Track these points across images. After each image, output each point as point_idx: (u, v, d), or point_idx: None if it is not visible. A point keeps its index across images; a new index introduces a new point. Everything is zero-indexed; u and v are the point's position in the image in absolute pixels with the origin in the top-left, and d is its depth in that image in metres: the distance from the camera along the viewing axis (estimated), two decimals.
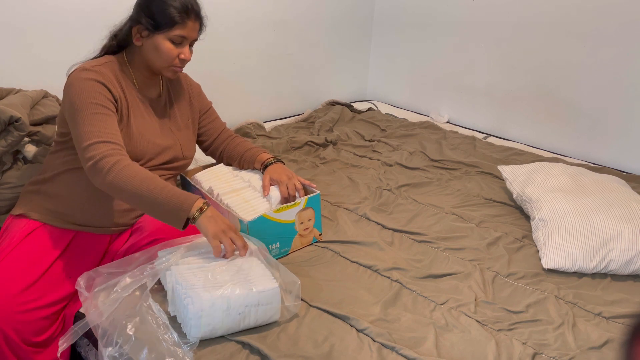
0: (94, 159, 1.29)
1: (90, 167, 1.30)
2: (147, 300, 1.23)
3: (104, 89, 1.37)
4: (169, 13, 1.38)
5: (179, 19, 1.39)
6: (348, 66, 3.14)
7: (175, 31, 1.40)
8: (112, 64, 1.44)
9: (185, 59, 1.45)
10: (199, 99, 1.70)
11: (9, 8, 1.81)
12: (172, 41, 1.41)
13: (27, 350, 1.28)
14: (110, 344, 1.18)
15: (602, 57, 2.26)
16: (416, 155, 2.36)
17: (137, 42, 1.43)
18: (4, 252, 1.34)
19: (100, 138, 1.31)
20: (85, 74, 1.36)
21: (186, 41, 1.44)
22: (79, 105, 1.33)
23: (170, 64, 1.44)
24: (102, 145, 1.30)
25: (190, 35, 1.43)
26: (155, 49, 1.41)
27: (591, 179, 1.83)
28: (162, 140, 1.52)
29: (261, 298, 1.21)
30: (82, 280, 1.29)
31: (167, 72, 1.46)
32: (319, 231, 1.65)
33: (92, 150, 1.30)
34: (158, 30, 1.39)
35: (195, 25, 1.44)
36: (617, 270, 1.54)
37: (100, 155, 1.29)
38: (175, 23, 1.39)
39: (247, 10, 2.51)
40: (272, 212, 1.51)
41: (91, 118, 1.32)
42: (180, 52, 1.43)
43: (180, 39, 1.42)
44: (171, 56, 1.42)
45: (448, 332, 1.29)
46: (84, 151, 1.31)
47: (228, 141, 1.76)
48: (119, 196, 1.32)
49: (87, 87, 1.34)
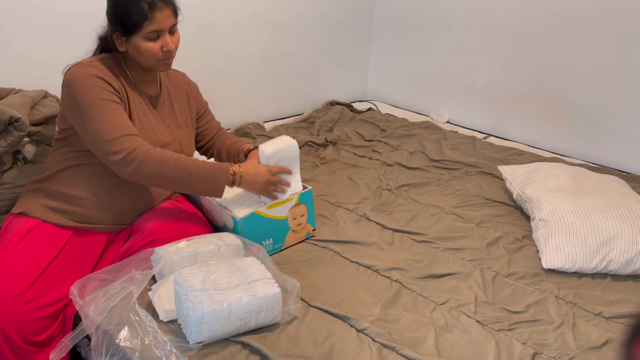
0: (123, 152, 1.33)
1: (120, 161, 1.33)
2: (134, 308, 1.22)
3: (105, 83, 1.37)
4: (132, 14, 1.35)
5: (145, 16, 1.35)
6: (348, 66, 3.14)
7: (146, 29, 1.37)
8: (108, 61, 1.44)
9: (169, 50, 1.42)
10: (197, 99, 1.70)
11: (9, 8, 1.81)
12: (149, 39, 1.38)
13: (27, 350, 1.28)
14: (101, 356, 1.18)
15: (602, 57, 2.26)
16: (416, 155, 2.36)
17: (120, 47, 1.42)
18: (4, 252, 1.34)
19: (124, 132, 1.35)
20: (85, 69, 1.36)
21: (163, 32, 1.40)
22: (87, 102, 1.34)
23: (157, 60, 1.43)
24: (128, 139, 1.35)
25: (164, 25, 1.39)
26: (137, 51, 1.40)
27: (591, 179, 1.83)
28: (163, 137, 1.52)
29: (263, 304, 1.21)
30: (75, 288, 1.30)
31: (158, 67, 1.45)
32: (312, 226, 1.65)
33: (118, 144, 1.33)
34: (131, 34, 1.37)
35: (165, 14, 1.38)
36: (617, 270, 1.54)
37: (130, 148, 1.34)
38: (144, 21, 1.35)
39: (247, 11, 2.51)
40: (264, 209, 1.51)
41: (107, 113, 1.34)
42: (162, 45, 1.40)
43: (155, 34, 1.39)
44: (154, 53, 1.40)
45: (448, 332, 1.29)
46: (108, 145, 1.33)
47: (218, 135, 1.78)
48: (154, 183, 1.40)
49: (91, 83, 1.35)
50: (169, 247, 1.36)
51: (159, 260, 1.33)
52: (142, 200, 1.52)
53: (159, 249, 1.35)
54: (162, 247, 1.36)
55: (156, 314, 1.28)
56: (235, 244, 1.40)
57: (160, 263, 1.32)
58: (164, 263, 1.32)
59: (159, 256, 1.34)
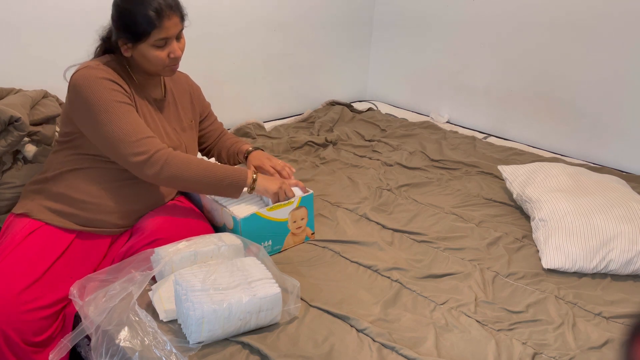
0: (147, 153, 1.35)
1: (143, 161, 1.35)
2: (134, 308, 1.22)
3: (117, 86, 1.37)
4: (141, 23, 1.33)
5: (153, 24, 1.33)
6: (348, 66, 3.14)
7: (154, 36, 1.35)
8: (113, 64, 1.43)
9: (175, 57, 1.41)
10: (200, 100, 1.71)
11: (9, 8, 1.81)
12: (156, 46, 1.37)
13: (27, 350, 1.28)
14: (101, 356, 1.18)
15: (602, 57, 2.26)
16: (416, 155, 2.36)
17: (125, 53, 1.41)
18: (5, 252, 1.34)
19: (145, 134, 1.37)
20: (95, 72, 1.35)
21: (170, 39, 1.39)
22: (103, 105, 1.33)
23: (163, 66, 1.42)
24: (149, 141, 1.37)
25: (172, 33, 1.38)
26: (143, 58, 1.39)
27: (591, 179, 1.83)
28: (169, 140, 1.52)
29: (263, 304, 1.21)
30: (75, 288, 1.30)
31: (164, 72, 1.46)
32: (311, 230, 1.65)
33: (142, 145, 1.35)
34: (138, 42, 1.36)
35: (173, 21, 1.37)
36: (617, 270, 1.54)
37: (154, 149, 1.36)
38: (152, 29, 1.34)
39: (247, 11, 2.51)
40: (265, 210, 1.51)
41: (125, 116, 1.35)
42: (169, 51, 1.40)
43: (163, 41, 1.38)
44: (161, 60, 1.40)
45: (448, 332, 1.29)
46: (130, 147, 1.34)
47: (220, 137, 1.79)
48: (175, 184, 1.42)
49: (103, 86, 1.34)
50: (169, 247, 1.36)
51: (159, 261, 1.33)
52: (146, 202, 1.52)
53: (159, 250, 1.36)
54: (162, 248, 1.36)
55: (156, 314, 1.28)
56: (235, 244, 1.40)
57: (160, 263, 1.32)
58: (164, 263, 1.32)
59: (159, 256, 1.34)
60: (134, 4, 1.34)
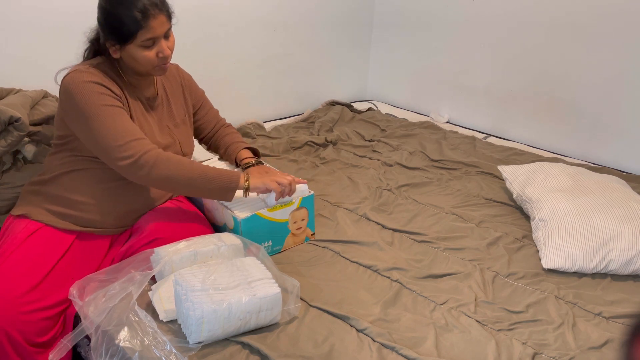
0: (134, 156, 1.32)
1: (130, 165, 1.33)
2: (133, 308, 1.22)
3: (106, 89, 1.36)
4: (125, 24, 1.31)
5: (139, 25, 1.31)
6: (348, 66, 3.14)
7: (141, 37, 1.33)
8: (103, 66, 1.41)
9: (164, 56, 1.39)
10: (191, 90, 1.68)
11: (9, 8, 1.81)
12: (144, 47, 1.36)
13: (30, 351, 1.29)
14: (101, 356, 1.18)
15: (602, 56, 2.26)
16: (416, 155, 2.36)
17: (114, 55, 1.39)
18: (6, 253, 1.34)
19: (131, 136, 1.34)
20: (83, 76, 1.34)
21: (158, 39, 1.37)
22: (91, 110, 1.32)
23: (153, 66, 1.41)
24: (137, 143, 1.34)
25: (159, 32, 1.35)
26: (132, 59, 1.38)
27: (591, 179, 1.83)
28: (162, 139, 1.52)
29: (263, 304, 1.21)
30: (75, 289, 1.29)
31: (154, 72, 1.44)
32: (311, 231, 1.65)
33: (128, 149, 1.32)
34: (125, 43, 1.34)
35: (159, 20, 1.34)
36: (617, 270, 1.54)
37: (141, 151, 1.33)
38: (138, 30, 1.32)
39: (247, 11, 2.51)
40: (266, 211, 1.51)
41: (112, 119, 1.33)
42: (157, 51, 1.38)
43: (150, 42, 1.36)
44: (150, 60, 1.38)
45: (448, 332, 1.30)
46: (116, 151, 1.32)
47: (217, 127, 1.77)
48: (166, 185, 1.38)
49: (91, 90, 1.33)
50: (168, 247, 1.36)
51: (159, 261, 1.33)
52: (143, 202, 1.52)
53: (158, 249, 1.35)
54: (162, 248, 1.36)
55: (156, 314, 1.28)
56: (235, 244, 1.40)
57: (160, 263, 1.32)
58: (163, 263, 1.32)
59: (158, 256, 1.34)
60: (119, 5, 1.31)
